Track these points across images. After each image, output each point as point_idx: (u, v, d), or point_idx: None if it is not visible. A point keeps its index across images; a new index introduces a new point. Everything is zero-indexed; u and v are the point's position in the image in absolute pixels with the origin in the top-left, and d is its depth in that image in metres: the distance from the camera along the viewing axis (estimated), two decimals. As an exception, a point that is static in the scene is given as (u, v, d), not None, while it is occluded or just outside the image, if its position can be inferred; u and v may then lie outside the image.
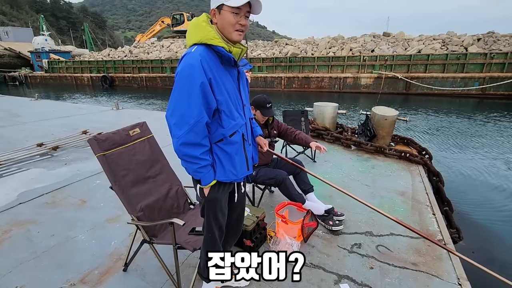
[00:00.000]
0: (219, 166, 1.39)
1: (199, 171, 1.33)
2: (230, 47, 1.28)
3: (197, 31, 1.27)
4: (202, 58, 1.22)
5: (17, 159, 4.22)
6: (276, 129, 2.73)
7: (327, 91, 17.17)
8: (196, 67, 1.21)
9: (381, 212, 1.76)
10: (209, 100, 1.27)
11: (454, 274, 2.00)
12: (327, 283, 1.91)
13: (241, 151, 1.44)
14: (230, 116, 1.35)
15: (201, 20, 1.29)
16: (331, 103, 5.30)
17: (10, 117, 7.38)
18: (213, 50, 1.27)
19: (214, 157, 1.39)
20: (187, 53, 1.26)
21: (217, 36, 1.25)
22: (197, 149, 1.29)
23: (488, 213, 3.98)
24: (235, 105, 1.38)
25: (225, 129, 1.35)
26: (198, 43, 1.26)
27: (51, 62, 28.90)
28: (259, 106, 2.45)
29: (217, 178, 1.39)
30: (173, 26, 34.21)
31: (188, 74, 1.22)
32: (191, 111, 1.23)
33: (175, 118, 1.26)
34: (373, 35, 20.81)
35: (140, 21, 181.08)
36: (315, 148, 2.42)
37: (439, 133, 8.21)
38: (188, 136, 1.25)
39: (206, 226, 1.54)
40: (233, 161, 1.40)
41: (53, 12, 76.43)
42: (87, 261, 2.11)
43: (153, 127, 2.23)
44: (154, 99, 17.29)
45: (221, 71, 1.30)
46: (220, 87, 1.29)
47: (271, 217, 2.59)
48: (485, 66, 14.35)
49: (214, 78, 1.26)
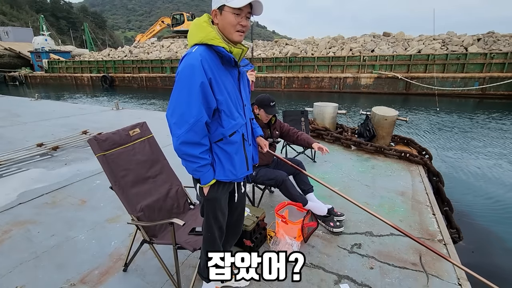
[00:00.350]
0: (219, 165, 1.40)
1: (198, 170, 1.34)
2: (231, 47, 1.29)
3: (198, 32, 1.28)
4: (203, 58, 1.23)
5: (17, 159, 4.22)
6: (278, 130, 2.74)
7: (327, 91, 17.17)
8: (196, 67, 1.22)
9: (378, 216, 1.76)
10: (209, 100, 1.27)
11: (454, 274, 2.00)
12: (327, 283, 1.91)
13: (241, 151, 1.44)
14: (230, 116, 1.36)
15: (202, 20, 1.30)
16: (331, 103, 5.30)
17: (10, 117, 7.38)
18: (214, 51, 1.28)
19: (214, 156, 1.40)
20: (188, 53, 1.27)
21: (218, 37, 1.26)
22: (196, 148, 1.30)
23: (488, 213, 3.98)
24: (235, 105, 1.39)
25: (225, 128, 1.35)
26: (199, 43, 1.27)
27: (51, 62, 28.89)
28: (262, 105, 2.45)
29: (217, 178, 1.40)
30: (173, 26, 34.20)
31: (188, 74, 1.23)
32: (191, 111, 1.24)
33: (175, 117, 1.27)
34: (373, 35, 20.82)
35: (140, 21, 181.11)
36: (317, 149, 2.43)
37: (439, 133, 8.21)
38: (188, 135, 1.26)
39: (205, 225, 1.54)
40: (232, 160, 1.41)
41: (53, 12, 76.43)
42: (87, 261, 2.11)
43: (153, 127, 2.23)
44: (154, 99, 17.29)
45: (221, 71, 1.31)
46: (220, 87, 1.30)
47: (271, 217, 2.59)
48: (485, 66, 14.36)
49: (214, 78, 1.27)
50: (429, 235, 2.46)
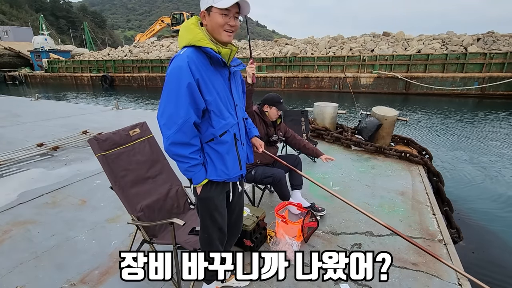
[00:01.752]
0: (211, 165, 1.41)
1: (189, 170, 1.36)
2: (219, 48, 1.30)
3: (186, 34, 1.30)
4: (190, 59, 1.25)
5: (17, 159, 4.22)
6: (283, 132, 2.80)
7: (327, 91, 17.17)
8: (183, 68, 1.24)
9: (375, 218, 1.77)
10: (197, 101, 1.29)
11: (454, 274, 2.00)
12: (327, 283, 1.92)
13: (232, 151, 1.45)
14: (220, 116, 1.37)
15: (190, 22, 1.32)
16: (331, 103, 5.30)
17: (10, 117, 7.38)
18: (203, 52, 1.30)
19: (205, 156, 1.41)
20: (176, 55, 1.30)
21: (205, 38, 1.28)
22: (186, 149, 1.32)
23: (488, 213, 3.98)
24: (225, 105, 1.40)
25: (215, 128, 1.37)
26: (188, 45, 1.29)
27: (51, 62, 28.87)
28: (273, 102, 2.57)
29: (209, 177, 1.41)
30: (172, 26, 34.16)
31: (175, 75, 1.25)
32: (179, 112, 1.26)
33: (164, 118, 1.29)
34: (372, 34, 20.80)
35: (140, 21, 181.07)
36: (325, 161, 2.58)
37: (439, 133, 8.21)
38: (177, 136, 1.28)
39: (201, 226, 1.54)
40: (224, 160, 1.42)
41: (52, 12, 76.41)
42: (87, 261, 2.11)
43: (153, 127, 2.22)
44: (154, 99, 17.27)
45: (210, 72, 1.32)
46: (208, 87, 1.31)
47: (271, 217, 2.59)
48: (484, 66, 14.36)
49: (202, 78, 1.28)
50: (429, 235, 2.46)
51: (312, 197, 3.02)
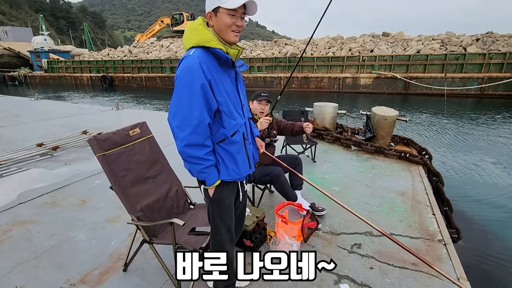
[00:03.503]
0: (223, 166, 1.41)
1: (203, 171, 1.34)
2: (227, 48, 1.30)
3: (194, 35, 1.29)
4: (201, 60, 1.24)
5: (17, 159, 4.22)
6: (276, 129, 2.76)
7: (326, 91, 17.18)
8: (195, 69, 1.23)
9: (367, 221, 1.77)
10: (209, 101, 1.28)
11: (454, 274, 2.00)
12: (327, 283, 1.92)
13: (242, 150, 1.46)
14: (231, 116, 1.37)
15: (197, 23, 1.31)
16: (331, 103, 5.30)
17: (10, 117, 7.37)
18: (211, 53, 1.29)
19: (217, 157, 1.41)
20: (185, 56, 1.28)
21: (214, 39, 1.27)
22: (200, 150, 1.31)
23: (488, 213, 3.99)
24: (234, 105, 1.40)
25: (226, 129, 1.36)
26: (196, 46, 1.28)
27: (50, 62, 28.86)
28: (254, 96, 2.51)
29: (221, 178, 1.41)
30: (172, 26, 34.22)
31: (188, 76, 1.24)
32: (193, 113, 1.25)
33: (177, 120, 1.27)
34: (372, 35, 20.82)
35: (140, 21, 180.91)
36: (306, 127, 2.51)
37: (439, 133, 8.22)
38: (191, 138, 1.27)
39: (212, 229, 1.53)
40: (235, 160, 1.42)
41: (52, 12, 76.39)
42: (87, 261, 2.11)
43: (153, 127, 2.23)
44: (154, 99, 17.28)
45: (219, 73, 1.32)
46: (219, 88, 1.31)
47: (271, 217, 2.59)
48: (483, 66, 14.38)
49: (213, 79, 1.28)
50: (428, 235, 2.46)
51: (312, 197, 3.02)
